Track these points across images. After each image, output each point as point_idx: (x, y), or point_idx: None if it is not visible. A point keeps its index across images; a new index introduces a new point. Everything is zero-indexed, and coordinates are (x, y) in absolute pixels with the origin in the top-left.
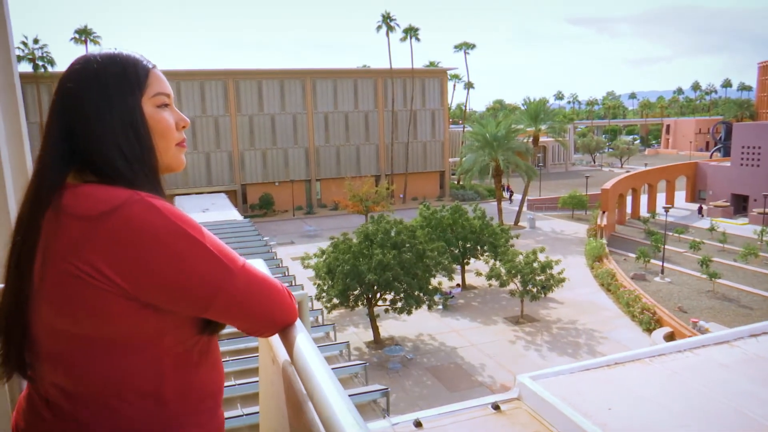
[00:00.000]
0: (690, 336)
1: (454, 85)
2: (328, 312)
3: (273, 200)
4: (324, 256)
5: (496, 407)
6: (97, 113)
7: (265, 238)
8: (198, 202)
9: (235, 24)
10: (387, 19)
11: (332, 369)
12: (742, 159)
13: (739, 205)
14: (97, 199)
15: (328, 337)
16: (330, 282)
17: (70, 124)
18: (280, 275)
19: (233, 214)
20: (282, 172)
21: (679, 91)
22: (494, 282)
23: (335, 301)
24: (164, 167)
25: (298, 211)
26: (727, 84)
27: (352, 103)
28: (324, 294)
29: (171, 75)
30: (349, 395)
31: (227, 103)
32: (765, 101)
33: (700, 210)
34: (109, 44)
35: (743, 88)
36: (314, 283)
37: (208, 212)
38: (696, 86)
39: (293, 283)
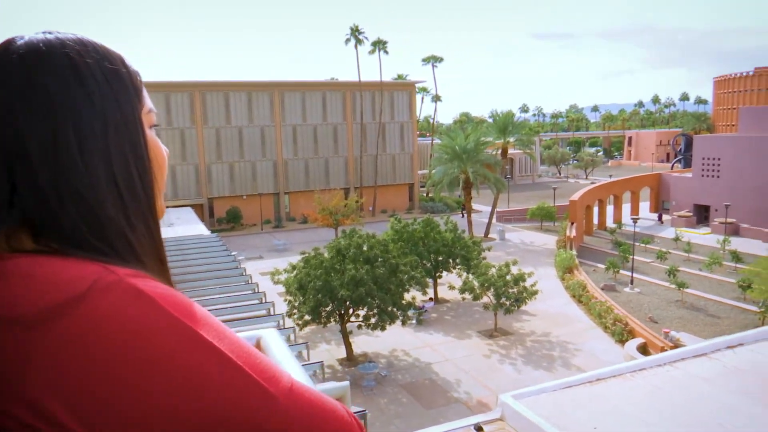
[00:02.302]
0: (662, 346)
1: (422, 98)
2: (300, 329)
3: (241, 214)
4: (295, 272)
5: (478, 429)
6: (87, 128)
7: (233, 253)
8: (163, 217)
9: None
10: (355, 32)
11: None
12: (703, 170)
13: (702, 215)
14: (45, 284)
15: (301, 356)
16: (301, 298)
17: (21, 145)
18: (250, 291)
19: (200, 229)
20: (250, 185)
21: (640, 104)
22: (467, 295)
23: (307, 317)
24: None
25: (267, 224)
26: (685, 98)
27: (320, 116)
28: (295, 311)
29: None
30: None
31: (193, 115)
32: (721, 114)
33: (660, 217)
34: None
35: (700, 101)
36: (285, 300)
37: (173, 227)
38: (656, 99)
39: (263, 300)
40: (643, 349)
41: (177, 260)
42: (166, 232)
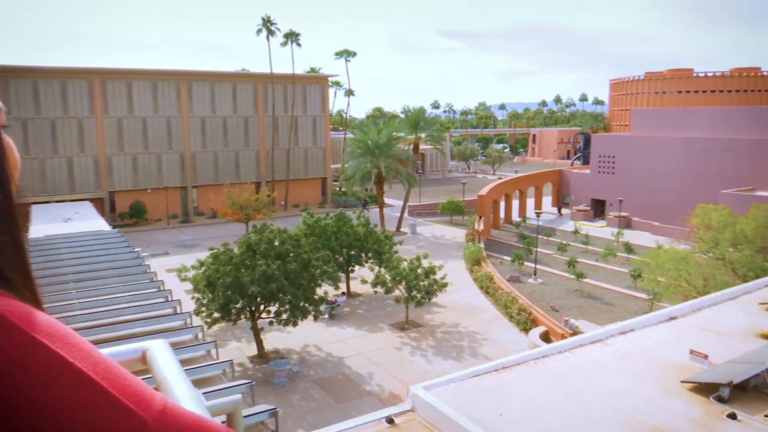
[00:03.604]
0: (563, 333)
1: (335, 92)
2: (209, 327)
3: (145, 208)
4: (203, 268)
5: (390, 421)
6: None
7: (136, 250)
8: (59, 212)
9: (102, 19)
10: (267, 23)
11: (215, 390)
12: (600, 167)
13: (598, 209)
14: None
15: (209, 356)
16: (210, 295)
17: None
18: (155, 290)
19: (100, 224)
20: (155, 179)
21: (543, 103)
22: (379, 289)
23: (216, 315)
24: None
25: (173, 219)
26: (583, 98)
27: (230, 108)
28: (204, 308)
29: (26, 72)
30: None
31: (93, 104)
32: (616, 115)
33: (559, 210)
34: None
35: (597, 102)
36: (192, 297)
37: (70, 222)
38: (557, 99)
39: (169, 298)
40: (546, 337)
41: (74, 258)
42: (62, 228)
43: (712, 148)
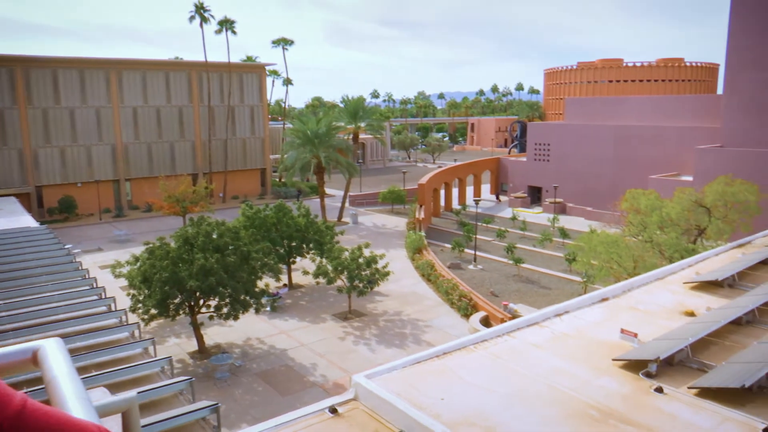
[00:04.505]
0: (502, 318)
1: (273, 81)
2: (146, 324)
3: (75, 203)
4: (138, 264)
5: (333, 411)
6: None
7: (66, 246)
8: None
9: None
10: (200, 9)
11: (153, 389)
12: (536, 154)
13: (535, 196)
14: None
15: (147, 353)
16: (146, 291)
17: None
18: (87, 287)
19: (26, 221)
20: (85, 172)
21: (481, 92)
22: (321, 279)
23: (153, 311)
24: None
25: (106, 214)
26: (520, 87)
27: (164, 97)
28: (140, 305)
29: None
30: (175, 416)
31: (15, 94)
32: (551, 104)
33: (497, 197)
34: None
35: (533, 91)
36: (128, 294)
37: None
38: (495, 88)
39: (103, 296)
40: (486, 322)
41: None
42: None
43: (640, 135)
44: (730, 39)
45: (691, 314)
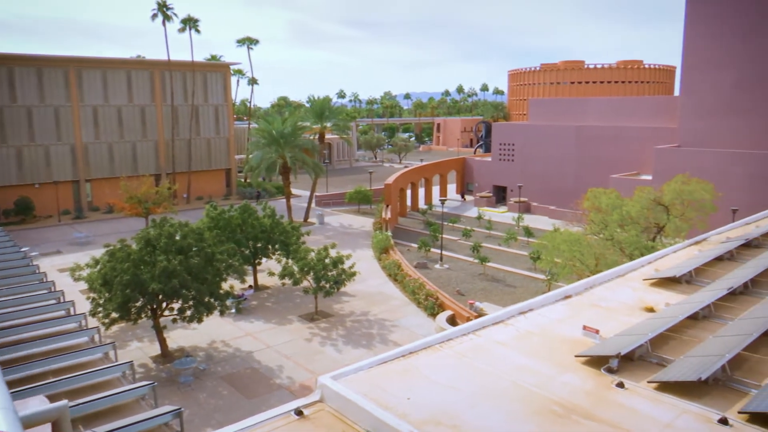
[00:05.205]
0: (468, 316)
1: (238, 81)
2: (106, 328)
3: (33, 204)
4: (98, 266)
5: (299, 413)
6: None
7: (23, 249)
8: None
9: None
10: (163, 8)
11: (113, 394)
12: (500, 154)
13: (500, 195)
14: None
15: (107, 358)
16: (107, 295)
17: None
18: (45, 291)
19: None
20: (43, 173)
21: (447, 93)
22: (288, 280)
23: (114, 315)
24: None
25: (65, 215)
26: (484, 88)
27: (125, 97)
28: (100, 309)
29: None
30: (137, 422)
31: None
32: (515, 104)
33: (463, 197)
34: None
35: (497, 92)
36: (88, 297)
37: None
38: (460, 89)
39: (62, 300)
40: (452, 321)
41: None
42: None
43: (601, 135)
44: (686, 41)
45: (651, 310)
